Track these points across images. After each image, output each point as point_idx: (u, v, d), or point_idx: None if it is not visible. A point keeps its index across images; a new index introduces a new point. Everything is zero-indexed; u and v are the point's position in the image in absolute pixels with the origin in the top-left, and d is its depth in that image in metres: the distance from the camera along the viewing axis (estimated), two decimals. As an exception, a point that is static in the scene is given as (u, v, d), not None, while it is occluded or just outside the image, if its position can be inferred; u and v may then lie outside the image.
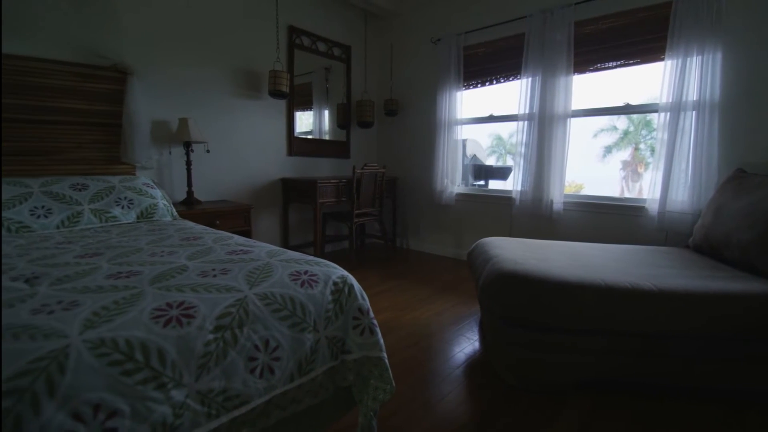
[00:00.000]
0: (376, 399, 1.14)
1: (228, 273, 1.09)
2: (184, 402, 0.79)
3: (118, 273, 1.08)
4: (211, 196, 3.13)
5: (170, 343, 0.80)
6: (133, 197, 2.10)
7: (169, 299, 0.90)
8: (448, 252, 4.00)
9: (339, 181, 3.49)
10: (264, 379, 0.92)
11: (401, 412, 1.53)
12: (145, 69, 2.66)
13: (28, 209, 1.75)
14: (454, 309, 2.66)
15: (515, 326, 1.69)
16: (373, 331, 1.15)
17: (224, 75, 3.16)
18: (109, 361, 0.72)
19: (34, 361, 0.66)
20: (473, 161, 4.14)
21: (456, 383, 1.77)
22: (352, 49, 4.15)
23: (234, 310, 0.92)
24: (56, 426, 0.64)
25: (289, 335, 0.99)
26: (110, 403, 0.70)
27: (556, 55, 3.02)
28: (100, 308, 0.84)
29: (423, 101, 4.03)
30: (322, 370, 1.06)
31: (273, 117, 3.55)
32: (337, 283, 1.16)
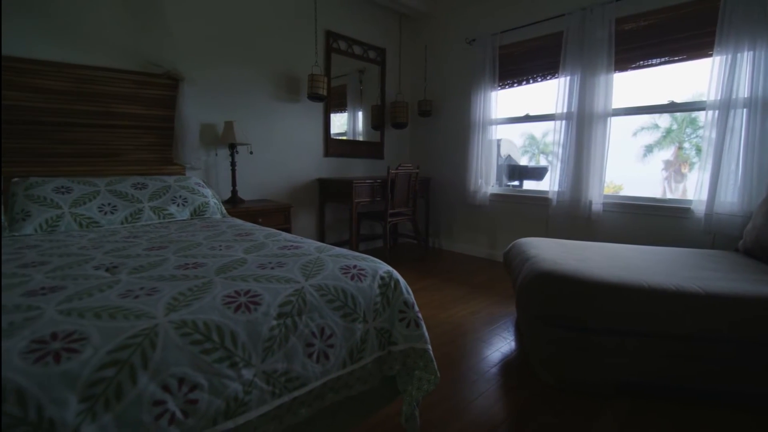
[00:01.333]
0: (421, 389, 1.19)
1: (284, 266, 1.17)
2: (253, 380, 0.87)
3: (186, 264, 1.19)
4: (252, 195, 3.28)
5: (241, 327, 0.88)
6: (187, 196, 2.24)
7: (237, 288, 0.98)
8: (482, 252, 4.00)
9: (374, 181, 3.57)
10: (320, 364, 0.99)
11: (439, 407, 1.58)
12: (195, 75, 2.83)
13: (97, 206, 1.92)
14: (489, 309, 2.67)
15: (554, 326, 1.69)
16: (418, 323, 1.20)
17: (266, 79, 3.30)
18: (191, 340, 0.81)
19: (130, 337, 0.76)
20: (507, 161, 4.12)
21: (492, 381, 1.79)
22: (387, 52, 4.22)
23: (293, 299, 1.00)
24: (149, 395, 0.73)
25: (341, 324, 1.06)
26: (192, 378, 0.79)
27: (596, 52, 2.97)
28: (178, 294, 0.93)
29: (457, 102, 4.04)
30: (371, 358, 1.12)
31: (311, 119, 3.67)
32: (383, 278, 1.22)
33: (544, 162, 4.44)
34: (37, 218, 1.75)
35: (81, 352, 0.70)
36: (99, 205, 1.93)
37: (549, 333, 1.71)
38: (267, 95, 3.33)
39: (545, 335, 1.72)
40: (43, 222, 1.75)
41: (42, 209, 1.79)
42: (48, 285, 0.99)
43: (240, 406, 0.84)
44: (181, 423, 0.76)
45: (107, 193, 2.01)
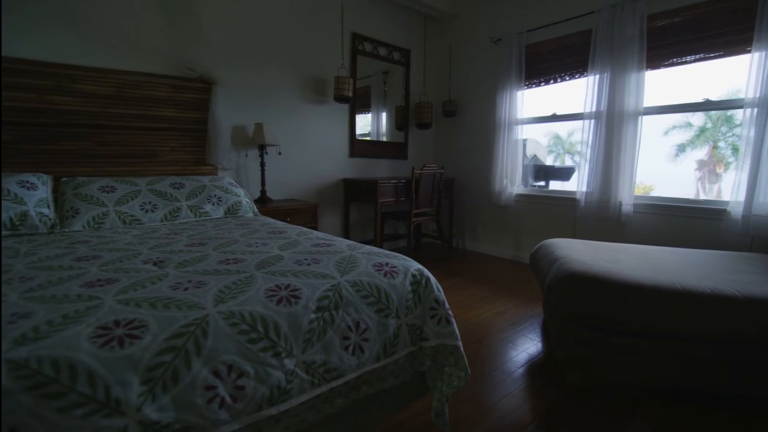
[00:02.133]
0: (451, 385, 1.21)
1: (319, 262, 1.21)
2: (294, 370, 0.91)
3: (227, 260, 1.25)
4: (280, 195, 3.36)
5: (283, 319, 0.92)
6: (221, 195, 2.33)
7: (277, 282, 1.03)
8: (507, 253, 3.97)
9: (398, 182, 3.60)
10: (355, 357, 1.03)
11: (466, 405, 1.59)
12: (226, 78, 2.91)
13: (138, 204, 2.02)
14: (515, 309, 2.66)
15: (584, 327, 1.68)
16: (449, 320, 1.23)
17: (294, 81, 3.38)
18: (238, 330, 0.86)
19: (185, 325, 0.81)
20: (533, 161, 4.07)
21: (519, 382, 1.79)
22: (411, 53, 4.24)
23: (331, 294, 1.04)
24: (201, 379, 0.79)
25: (376, 319, 1.09)
26: (240, 365, 0.84)
27: (627, 50, 2.91)
28: (224, 287, 0.99)
29: (482, 101, 4.03)
30: (404, 353, 1.15)
31: (337, 120, 3.73)
32: (415, 275, 1.24)
33: (569, 162, 4.36)
34: (84, 215, 1.86)
35: (142, 339, 0.76)
36: (141, 204, 2.03)
37: (578, 334, 1.70)
38: (295, 97, 3.41)
39: (574, 336, 1.71)
40: (90, 219, 1.86)
41: (89, 207, 1.90)
42: (104, 277, 1.06)
43: (282, 394, 0.89)
44: (230, 407, 0.81)
45: (148, 192, 2.12)
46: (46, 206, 1.84)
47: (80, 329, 0.75)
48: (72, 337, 0.73)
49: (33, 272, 1.12)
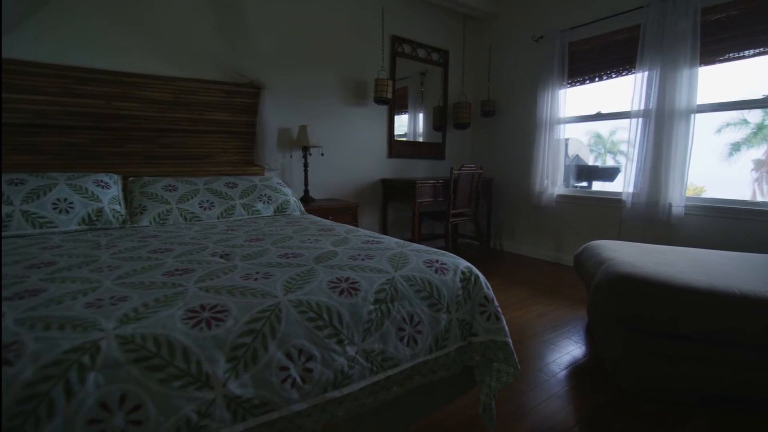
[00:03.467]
0: (500, 380, 1.24)
1: (372, 258, 1.28)
2: (355, 357, 0.98)
3: (286, 254, 1.33)
4: (322, 195, 3.47)
5: (345, 309, 0.99)
6: (271, 194, 2.45)
7: (337, 275, 1.10)
8: (547, 255, 3.90)
9: (436, 182, 3.62)
10: (410, 348, 1.08)
11: (509, 405, 1.61)
12: (273, 83, 3.05)
13: (198, 202, 2.17)
14: (557, 312, 2.62)
15: (632, 330, 1.65)
16: (498, 317, 1.25)
17: (336, 84, 3.49)
18: (306, 317, 0.93)
19: (261, 311, 0.89)
20: (575, 161, 3.98)
21: (562, 384, 1.78)
22: (450, 53, 4.26)
23: (387, 287, 1.09)
24: (276, 361, 0.86)
25: (428, 313, 1.14)
26: (308, 350, 0.91)
27: (679, 46, 2.80)
28: (289, 278, 1.06)
29: (522, 101, 3.99)
30: (454, 347, 1.19)
31: (376, 122, 3.81)
32: (464, 272, 1.28)
33: (610, 161, 4.23)
34: (151, 212, 2.02)
35: (225, 321, 0.85)
36: (199, 202, 2.18)
37: (626, 337, 1.67)
38: (336, 99, 3.51)
39: (622, 339, 1.69)
40: (156, 215, 2.02)
41: (155, 204, 2.06)
42: (180, 268, 1.17)
43: (345, 379, 0.95)
44: (300, 388, 0.88)
45: (205, 191, 2.26)
46: (117, 203, 2.01)
47: (172, 312, 0.85)
48: (167, 318, 0.82)
49: (118, 262, 1.24)
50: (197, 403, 0.76)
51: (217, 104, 2.83)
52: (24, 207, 1.74)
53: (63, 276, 1.08)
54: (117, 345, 0.74)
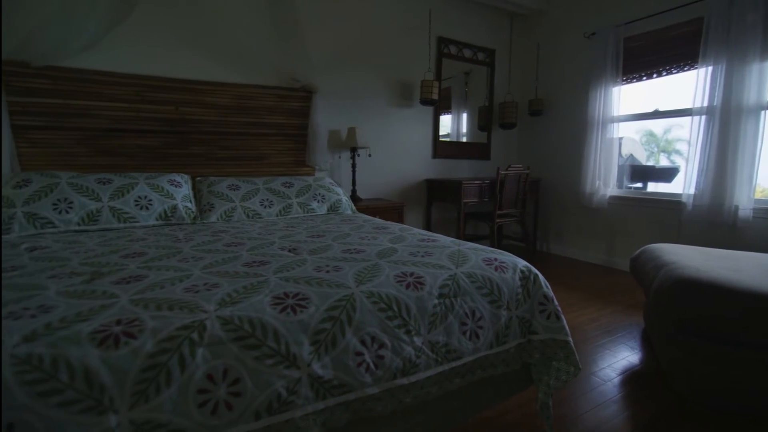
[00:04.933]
0: (559, 379, 1.24)
1: (432, 255, 1.32)
2: (421, 347, 1.03)
3: (348, 249, 1.41)
4: (368, 194, 3.56)
5: (412, 301, 1.04)
6: (324, 193, 2.56)
7: (402, 270, 1.16)
8: (597, 258, 3.78)
9: (482, 182, 3.61)
10: (472, 342, 1.12)
11: (565, 406, 1.60)
12: (323, 86, 3.16)
13: (259, 201, 2.31)
14: (609, 317, 2.55)
15: (695, 337, 1.59)
16: (558, 316, 1.26)
17: (383, 87, 3.57)
18: (378, 308, 0.99)
19: (338, 300, 0.97)
20: (630, 161, 3.82)
21: (617, 390, 1.74)
22: (496, 52, 4.22)
23: (450, 283, 1.14)
24: (352, 346, 0.93)
25: (489, 309, 1.17)
26: (380, 338, 0.97)
27: (747, 38, 2.64)
28: (357, 272, 1.13)
29: (572, 99, 3.89)
30: (514, 344, 1.21)
31: (421, 123, 3.85)
32: (523, 271, 1.30)
33: (664, 161, 4.02)
34: (218, 209, 2.18)
35: (308, 308, 0.92)
36: (260, 200, 2.32)
37: (688, 344, 1.61)
38: (383, 102, 3.59)
39: (684, 346, 1.63)
40: (222, 213, 2.17)
41: (221, 202, 2.22)
42: (256, 260, 1.27)
43: (412, 367, 1.01)
44: (373, 373, 0.94)
45: (265, 190, 2.40)
46: (189, 201, 2.18)
47: (260, 298, 0.94)
48: (257, 303, 0.91)
49: (200, 254, 1.37)
50: (286, 380, 0.84)
51: (272, 108, 2.99)
52: (111, 203, 1.93)
53: (157, 265, 1.21)
54: (219, 325, 0.83)
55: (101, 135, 2.46)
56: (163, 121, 2.62)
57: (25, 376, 0.67)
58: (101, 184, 2.00)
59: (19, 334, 0.74)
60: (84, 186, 1.95)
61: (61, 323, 0.79)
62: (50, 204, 1.83)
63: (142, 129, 2.56)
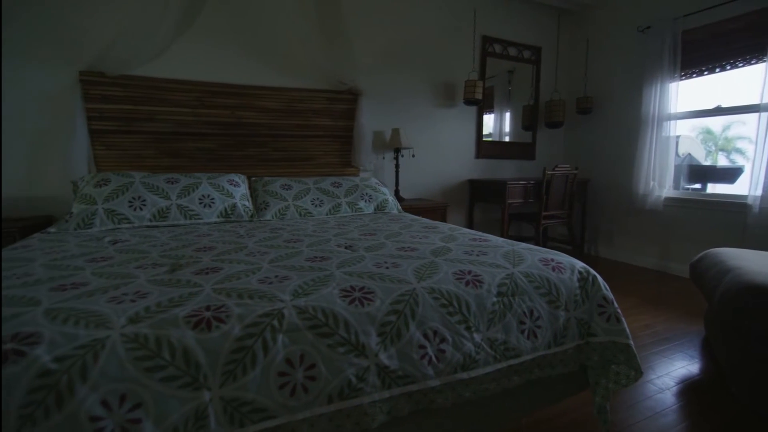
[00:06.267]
0: (618, 383, 1.22)
1: (486, 254, 1.34)
2: (480, 344, 1.05)
3: (403, 247, 1.45)
4: (410, 194, 3.59)
5: (471, 298, 1.07)
6: (371, 193, 2.62)
7: (460, 268, 1.18)
8: (650, 263, 3.61)
9: (527, 183, 3.55)
10: (530, 341, 1.13)
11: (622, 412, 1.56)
12: (368, 88, 3.23)
13: (310, 200, 2.41)
14: (665, 323, 2.44)
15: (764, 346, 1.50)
16: (619, 319, 1.24)
17: (426, 87, 3.59)
18: (439, 303, 1.03)
19: (401, 294, 1.01)
20: (687, 161, 3.62)
21: (678, 399, 1.67)
22: (543, 50, 4.13)
23: (507, 281, 1.15)
24: (416, 339, 0.97)
25: (547, 309, 1.17)
26: (441, 332, 1.00)
27: (827, 28, 2.44)
28: (416, 268, 1.17)
29: (624, 96, 3.74)
30: (572, 345, 1.20)
31: (464, 123, 3.84)
32: (581, 272, 1.29)
33: (723, 161, 3.77)
34: (273, 208, 2.29)
35: (374, 302, 0.97)
36: (311, 199, 2.41)
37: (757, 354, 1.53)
38: (427, 102, 3.61)
39: (752, 356, 1.54)
40: (277, 211, 2.29)
41: (275, 201, 2.33)
42: (318, 256, 1.34)
43: (472, 363, 1.03)
44: (435, 366, 0.98)
45: (315, 190, 2.50)
46: (246, 200, 2.31)
47: (329, 290, 0.99)
48: (328, 294, 0.97)
49: (264, 249, 1.46)
50: (356, 368, 0.89)
51: (320, 111, 3.09)
52: (179, 201, 2.09)
53: (229, 258, 1.31)
54: (296, 313, 0.89)
55: (166, 138, 2.65)
56: (220, 124, 2.78)
57: (135, 353, 0.76)
58: (169, 183, 2.16)
59: (124, 316, 0.84)
60: (155, 185, 2.11)
61: (158, 308, 0.88)
62: (126, 201, 2.00)
63: (201, 132, 2.73)
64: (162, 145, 2.64)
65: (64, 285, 1.04)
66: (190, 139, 2.72)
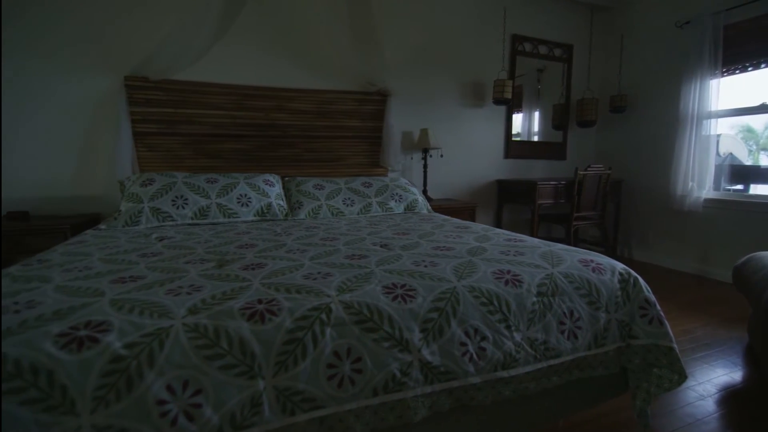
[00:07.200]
0: (661, 387, 1.20)
1: (524, 254, 1.34)
2: (521, 343, 1.06)
3: (438, 247, 1.47)
4: (438, 194, 3.59)
5: (511, 298, 1.08)
6: (401, 193, 2.65)
7: (498, 267, 1.19)
8: (688, 267, 3.48)
9: (558, 183, 3.49)
10: (570, 342, 1.12)
11: (662, 417, 1.53)
12: (397, 89, 3.24)
13: (341, 200, 2.46)
14: (706, 329, 2.36)
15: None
16: (662, 321, 1.22)
17: (455, 88, 3.59)
18: (480, 301, 1.04)
19: (442, 292, 1.03)
20: (729, 161, 3.47)
21: (719, 407, 1.62)
22: (574, 47, 4.05)
23: (547, 281, 1.15)
24: (457, 336, 0.99)
25: (587, 311, 1.17)
26: (482, 330, 1.02)
27: None
28: (454, 267, 1.19)
29: (660, 94, 3.62)
30: (613, 347, 1.19)
31: (493, 122, 3.81)
32: (622, 274, 1.27)
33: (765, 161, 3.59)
34: (306, 207, 2.35)
35: (416, 298, 1.00)
36: (343, 199, 2.46)
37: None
38: (455, 102, 3.61)
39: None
40: (310, 210, 2.34)
41: (309, 201, 2.39)
42: (356, 254, 1.37)
43: (512, 361, 1.04)
44: (476, 363, 0.99)
45: (346, 190, 2.55)
46: (281, 199, 2.38)
47: (372, 287, 1.02)
48: (371, 290, 1.00)
49: (302, 246, 1.50)
50: (400, 362, 0.92)
51: (350, 112, 3.14)
52: (218, 200, 2.17)
53: (271, 255, 1.36)
54: (342, 308, 0.93)
55: (203, 139, 2.75)
56: (255, 126, 2.87)
57: (196, 342, 0.81)
58: (209, 183, 2.24)
59: (184, 307, 0.89)
60: (196, 185, 2.20)
61: (214, 300, 0.93)
62: (170, 200, 2.10)
63: (237, 134, 2.82)
64: (200, 147, 2.75)
65: (123, 278, 1.11)
66: (227, 140, 2.81)
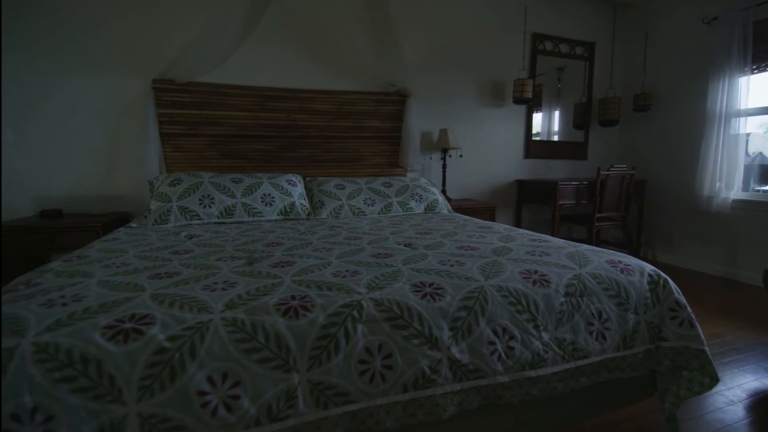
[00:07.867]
0: (691, 390, 1.18)
1: (549, 255, 1.33)
2: (549, 343, 1.06)
3: (462, 246, 1.47)
4: (457, 195, 3.59)
5: (539, 298, 1.08)
6: (422, 193, 2.66)
7: (525, 267, 1.19)
8: (714, 269, 3.39)
9: (579, 183, 3.45)
10: (598, 343, 1.12)
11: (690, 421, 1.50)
12: (416, 89, 3.24)
13: (362, 199, 2.48)
14: (735, 333, 2.30)
15: None
16: (693, 324, 1.20)
17: (474, 88, 3.57)
18: (508, 301, 1.05)
19: (471, 291, 1.04)
20: (759, 161, 3.37)
21: (750, 413, 1.58)
22: (596, 46, 3.99)
23: (575, 282, 1.15)
24: (486, 335, 0.99)
25: (616, 312, 1.16)
26: (510, 330, 1.02)
27: None
28: (481, 267, 1.19)
29: (686, 92, 3.54)
30: (641, 349, 1.18)
31: (512, 122, 3.78)
32: (651, 275, 1.26)
33: None
34: (328, 207, 2.38)
35: (444, 297, 1.01)
36: (364, 199, 2.49)
37: None
38: (475, 102, 3.59)
39: None
40: (332, 209, 2.37)
41: (330, 200, 2.42)
42: (381, 253, 1.39)
43: (540, 361, 1.04)
44: (504, 362, 1.00)
45: (367, 190, 2.57)
46: (303, 199, 2.42)
47: (401, 285, 1.04)
48: (400, 289, 1.02)
49: (327, 245, 1.53)
50: (429, 360, 0.93)
51: (370, 112, 3.16)
52: (243, 200, 2.22)
53: (299, 253, 1.39)
54: (373, 305, 0.95)
55: (227, 140, 2.82)
56: (277, 126, 2.92)
57: (234, 335, 0.84)
58: (235, 183, 2.30)
59: (221, 302, 0.93)
60: (222, 184, 2.26)
61: (248, 295, 0.96)
62: (197, 200, 2.16)
63: (260, 134, 2.88)
64: (224, 147, 2.81)
65: (159, 274, 1.15)
66: (249, 141, 2.87)
